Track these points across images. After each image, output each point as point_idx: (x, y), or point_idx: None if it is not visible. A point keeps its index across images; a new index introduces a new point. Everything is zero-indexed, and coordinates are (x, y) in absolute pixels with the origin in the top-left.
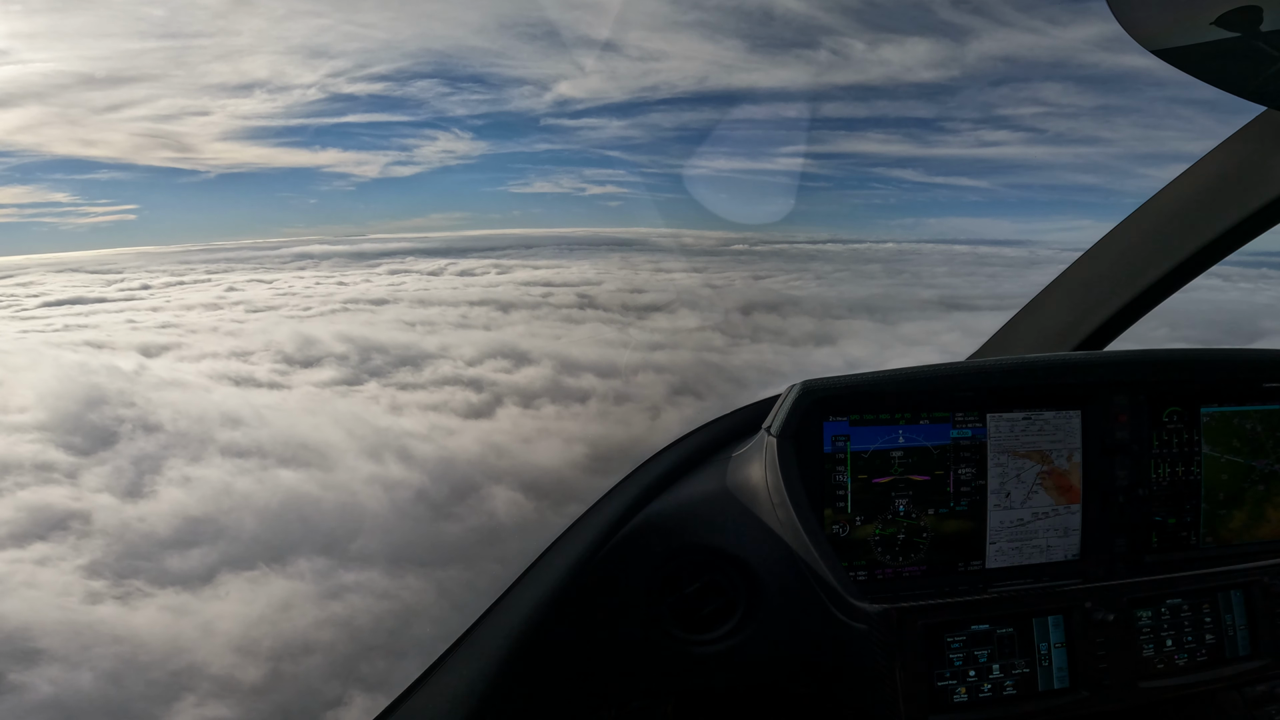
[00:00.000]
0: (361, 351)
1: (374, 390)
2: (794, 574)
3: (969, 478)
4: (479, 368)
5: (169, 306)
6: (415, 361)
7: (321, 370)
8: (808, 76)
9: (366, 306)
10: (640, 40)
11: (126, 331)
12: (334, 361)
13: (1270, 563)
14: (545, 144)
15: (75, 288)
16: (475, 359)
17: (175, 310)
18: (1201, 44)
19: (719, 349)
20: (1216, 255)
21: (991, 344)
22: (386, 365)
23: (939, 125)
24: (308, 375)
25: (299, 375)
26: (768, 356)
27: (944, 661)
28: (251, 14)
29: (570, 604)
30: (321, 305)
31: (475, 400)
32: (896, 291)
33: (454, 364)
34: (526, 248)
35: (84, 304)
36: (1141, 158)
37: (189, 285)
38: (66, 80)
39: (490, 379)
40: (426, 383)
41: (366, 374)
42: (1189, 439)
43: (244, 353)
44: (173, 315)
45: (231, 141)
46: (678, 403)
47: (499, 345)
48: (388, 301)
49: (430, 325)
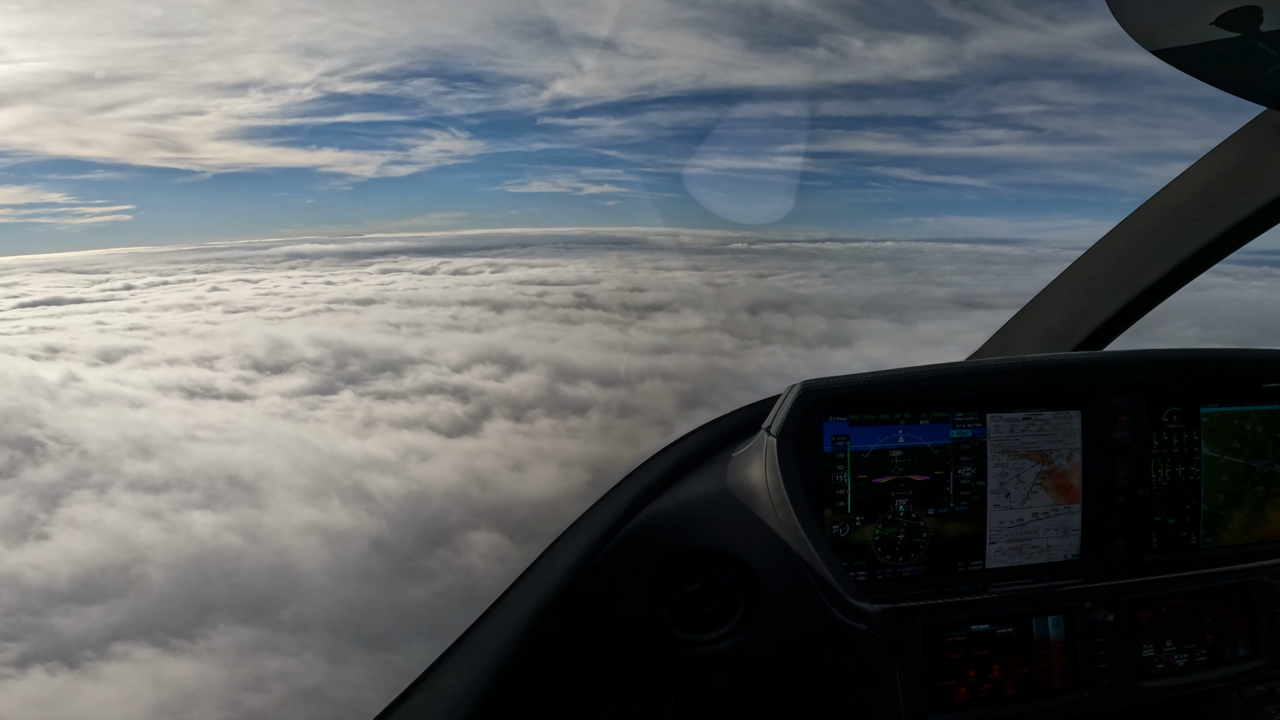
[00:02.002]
0: (338, 356)
1: (347, 401)
2: (794, 574)
3: (969, 478)
4: (466, 374)
5: (145, 307)
6: (396, 367)
7: (291, 378)
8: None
9: (351, 307)
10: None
11: (93, 334)
12: (306, 368)
13: (1270, 563)
14: (542, 143)
15: (58, 288)
16: (462, 364)
17: (151, 311)
18: (1201, 44)
19: (729, 352)
20: (1216, 255)
21: (991, 344)
22: (364, 371)
23: (937, 124)
24: (275, 383)
25: (265, 383)
26: (782, 360)
27: (944, 661)
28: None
29: (570, 604)
30: (304, 306)
31: (460, 413)
32: (908, 290)
33: (438, 370)
34: (523, 246)
35: (60, 305)
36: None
37: (173, 285)
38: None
39: (478, 387)
40: (407, 391)
41: (341, 381)
42: (1189, 439)
43: (209, 358)
44: (146, 317)
45: (227, 141)
46: (690, 417)
47: (489, 349)
48: (375, 301)
49: (417, 327)
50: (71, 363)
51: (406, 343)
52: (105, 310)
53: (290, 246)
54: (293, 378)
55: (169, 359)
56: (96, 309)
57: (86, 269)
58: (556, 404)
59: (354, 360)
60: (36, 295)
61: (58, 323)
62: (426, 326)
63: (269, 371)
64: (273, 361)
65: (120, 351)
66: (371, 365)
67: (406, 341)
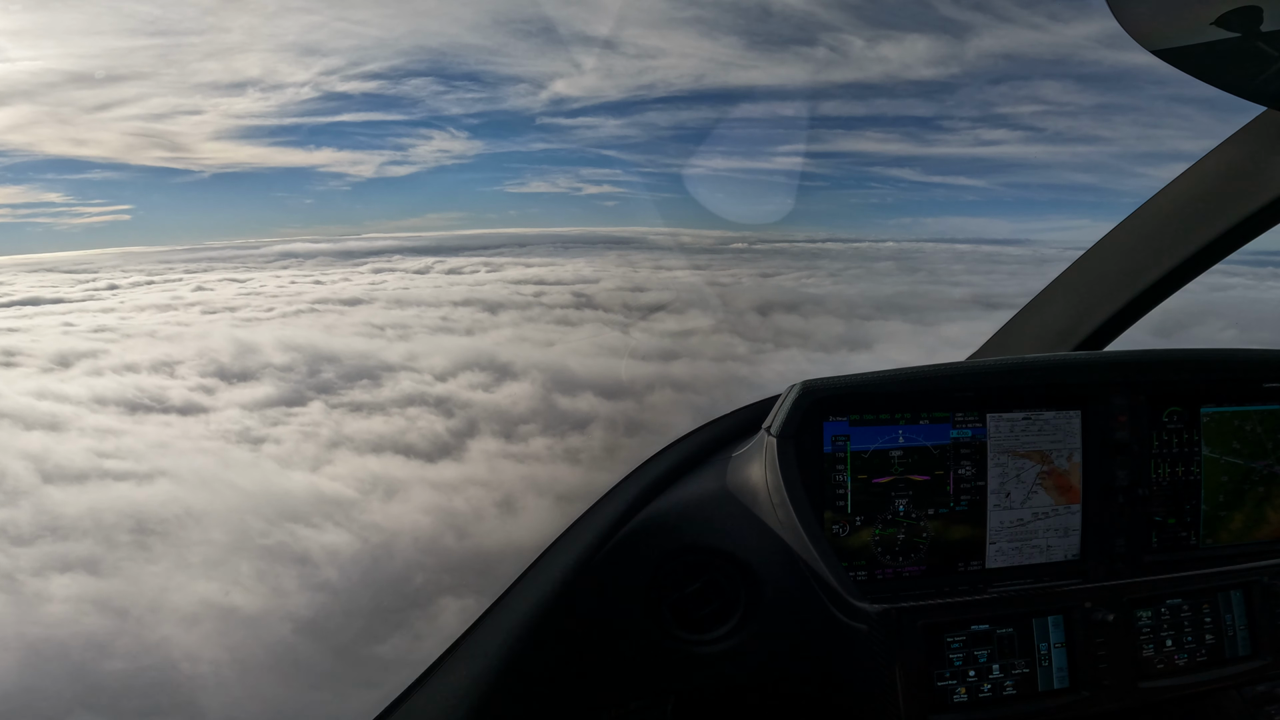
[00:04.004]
0: (311, 362)
1: (316, 414)
2: (794, 574)
3: (969, 478)
4: (451, 382)
5: (122, 308)
6: (374, 374)
7: (256, 386)
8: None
9: (336, 307)
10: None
11: (56, 336)
12: (273, 375)
13: (1270, 563)
14: (541, 143)
15: (43, 288)
16: (448, 371)
17: (126, 312)
18: (1201, 44)
19: (743, 357)
20: (1216, 255)
21: (991, 344)
22: (338, 379)
23: (937, 124)
24: (237, 393)
25: (226, 393)
26: (802, 365)
27: (944, 661)
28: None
29: (570, 604)
30: (286, 306)
31: (441, 429)
32: (922, 290)
33: (420, 378)
34: (520, 246)
35: (36, 305)
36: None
37: (157, 285)
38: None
39: (463, 398)
40: (385, 402)
41: (312, 390)
42: (1189, 439)
43: (170, 362)
44: (118, 318)
45: (225, 141)
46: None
47: (478, 354)
48: (362, 302)
49: (402, 329)
50: (22, 368)
51: (389, 347)
52: (79, 311)
53: (283, 246)
54: (258, 386)
55: (125, 365)
56: (70, 309)
57: (75, 269)
58: (553, 418)
59: (328, 367)
60: (17, 295)
61: (29, 324)
62: (413, 329)
63: (234, 379)
64: (238, 368)
65: (77, 355)
66: (347, 372)
67: (389, 345)
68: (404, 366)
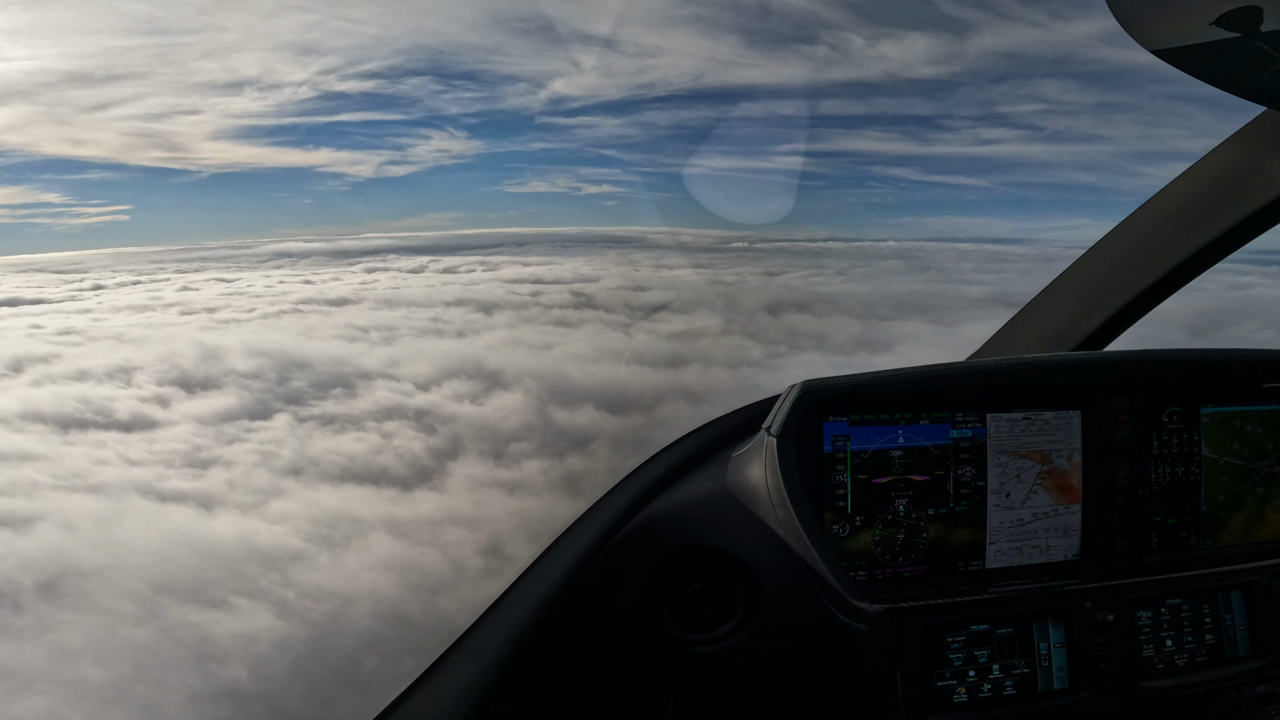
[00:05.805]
0: (280, 368)
1: (280, 429)
2: (794, 574)
3: (969, 478)
4: (435, 392)
5: (99, 309)
6: (349, 383)
7: (217, 396)
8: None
9: (321, 308)
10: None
11: (20, 338)
12: (237, 384)
13: (1270, 563)
14: (540, 143)
15: (28, 288)
16: (432, 379)
17: (102, 313)
18: (1201, 43)
19: (759, 362)
20: (1216, 255)
21: (991, 344)
22: (310, 388)
23: (937, 123)
24: (194, 405)
25: (182, 405)
26: (823, 369)
27: (944, 662)
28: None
29: (570, 604)
30: (269, 307)
31: (419, 449)
32: (937, 289)
33: (400, 388)
34: (518, 245)
35: (12, 306)
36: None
37: (142, 286)
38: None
39: (447, 412)
40: (360, 415)
41: (280, 401)
42: (1189, 439)
43: (128, 369)
44: (91, 320)
45: (223, 141)
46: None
47: (466, 360)
48: (349, 302)
49: (388, 331)
50: None
51: (369, 351)
52: (54, 312)
53: (278, 245)
54: (219, 396)
55: (78, 371)
56: (44, 311)
57: (65, 269)
58: (549, 435)
59: (299, 374)
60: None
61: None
62: (400, 331)
63: (195, 388)
64: (201, 375)
65: (33, 359)
66: (320, 380)
67: (370, 350)
68: (383, 374)
